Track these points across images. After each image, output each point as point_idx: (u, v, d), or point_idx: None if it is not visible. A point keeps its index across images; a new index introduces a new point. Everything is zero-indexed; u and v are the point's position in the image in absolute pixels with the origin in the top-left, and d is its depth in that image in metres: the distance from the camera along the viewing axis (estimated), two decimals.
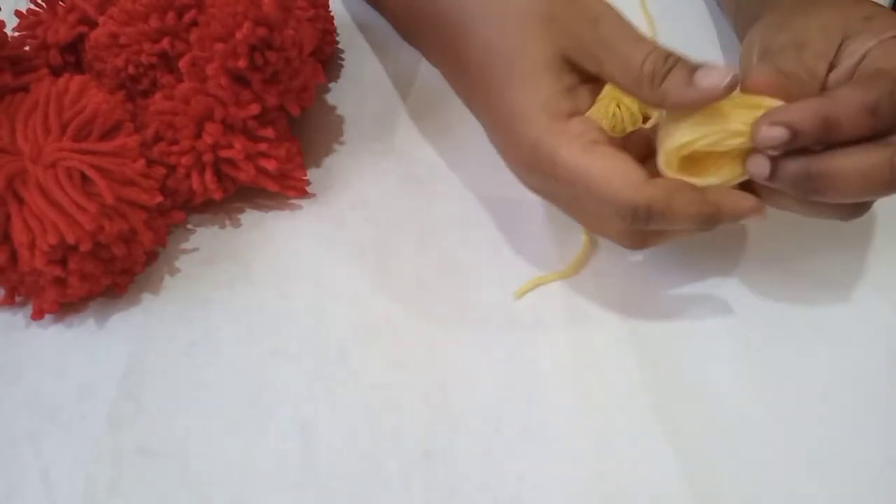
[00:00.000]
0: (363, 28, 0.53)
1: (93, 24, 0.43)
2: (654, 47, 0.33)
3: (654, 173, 0.34)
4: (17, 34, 0.44)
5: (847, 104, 0.32)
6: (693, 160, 0.34)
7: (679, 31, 0.52)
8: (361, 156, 0.46)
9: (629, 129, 0.45)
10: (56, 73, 0.42)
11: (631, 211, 0.32)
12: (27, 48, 0.43)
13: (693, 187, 0.33)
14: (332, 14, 0.49)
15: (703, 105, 0.33)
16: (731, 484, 0.34)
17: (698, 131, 0.33)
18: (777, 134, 0.32)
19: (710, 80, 0.32)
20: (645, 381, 0.37)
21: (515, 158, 0.35)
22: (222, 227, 0.43)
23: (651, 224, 0.32)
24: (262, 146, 0.41)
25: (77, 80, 0.39)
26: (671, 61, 0.33)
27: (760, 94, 0.34)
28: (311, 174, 0.44)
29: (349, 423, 0.36)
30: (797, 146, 0.32)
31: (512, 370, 0.38)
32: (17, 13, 0.45)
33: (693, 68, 0.33)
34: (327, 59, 0.50)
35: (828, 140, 0.32)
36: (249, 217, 0.43)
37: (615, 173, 0.32)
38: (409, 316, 0.39)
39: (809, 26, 0.37)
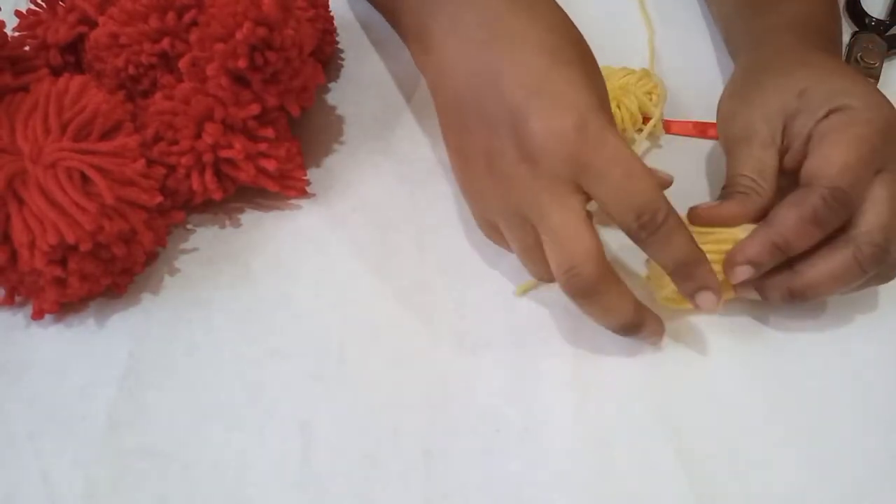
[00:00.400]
0: (363, 28, 0.53)
1: (93, 24, 0.43)
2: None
3: None
4: (17, 34, 0.44)
5: (788, 225, 0.35)
6: None
7: (677, 34, 0.52)
8: (361, 156, 0.46)
9: (629, 129, 0.45)
10: (56, 73, 0.42)
11: (649, 206, 0.33)
12: (27, 48, 0.43)
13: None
14: (332, 14, 0.49)
15: None
16: (731, 484, 0.34)
17: None
18: (743, 271, 0.36)
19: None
20: (645, 381, 0.37)
21: (551, 125, 0.33)
22: (222, 227, 0.43)
23: (657, 228, 0.33)
24: (262, 146, 0.41)
25: (77, 80, 0.39)
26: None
27: (715, 226, 0.37)
28: (311, 174, 0.44)
29: (349, 423, 0.36)
30: (764, 271, 0.36)
31: (512, 370, 0.38)
32: (17, 13, 0.45)
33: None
34: (327, 59, 0.50)
35: (789, 256, 0.36)
36: (249, 217, 0.43)
37: (647, 171, 0.33)
38: (409, 316, 0.39)
39: (752, 116, 0.39)
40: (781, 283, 0.36)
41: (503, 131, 0.34)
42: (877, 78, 0.49)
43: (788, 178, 0.38)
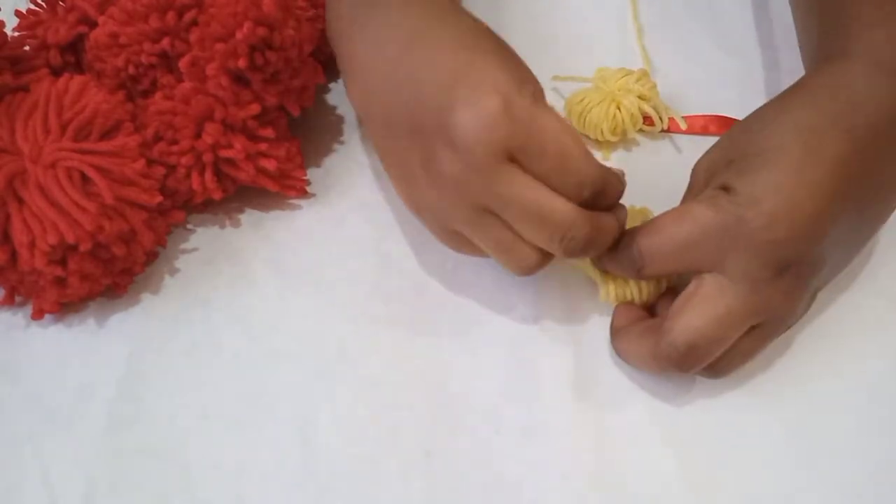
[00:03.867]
0: None
1: (93, 24, 0.43)
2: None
3: None
4: (17, 34, 0.44)
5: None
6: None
7: (677, 34, 0.52)
8: (361, 156, 0.46)
9: (629, 130, 0.45)
10: (56, 73, 0.42)
11: (588, 180, 0.32)
12: (27, 48, 0.43)
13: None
14: None
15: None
16: (731, 484, 0.34)
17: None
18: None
19: None
20: (644, 381, 0.37)
21: (476, 114, 0.31)
22: (222, 227, 0.43)
23: (596, 197, 0.33)
24: (262, 146, 0.41)
25: (77, 80, 0.39)
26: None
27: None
28: (311, 174, 0.44)
29: (349, 422, 0.36)
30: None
31: (512, 370, 0.38)
32: (17, 13, 0.45)
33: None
34: (327, 59, 0.50)
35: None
36: (249, 217, 0.43)
37: (582, 145, 0.32)
38: (410, 316, 0.39)
39: (698, 166, 0.37)
40: (646, 351, 0.35)
41: (433, 135, 0.33)
42: None
43: None
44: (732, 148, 0.35)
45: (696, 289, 0.33)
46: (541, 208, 0.32)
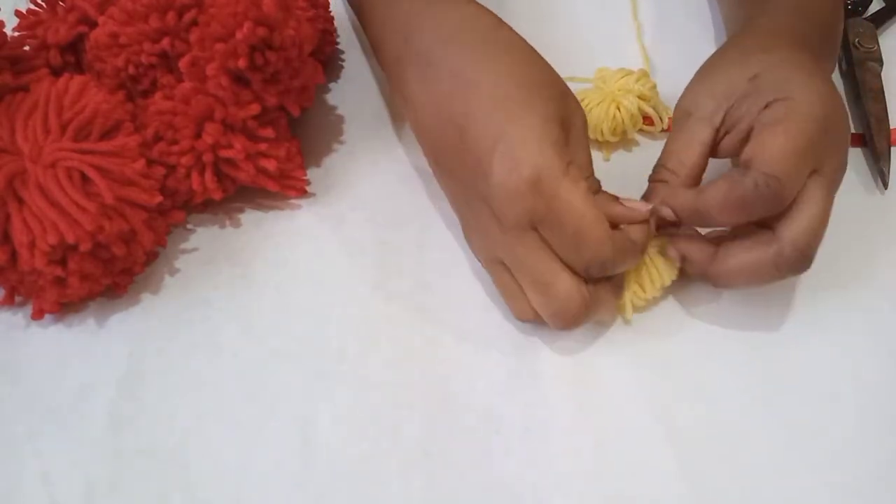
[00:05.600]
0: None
1: (93, 24, 0.43)
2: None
3: None
4: (17, 34, 0.44)
5: (714, 199, 0.35)
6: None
7: (676, 34, 0.52)
8: (361, 156, 0.46)
9: (630, 129, 0.45)
10: (56, 73, 0.42)
11: (601, 260, 0.34)
12: (27, 48, 0.43)
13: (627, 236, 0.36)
14: (332, 14, 0.49)
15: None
16: (731, 484, 0.34)
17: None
18: (666, 213, 0.37)
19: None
20: (645, 381, 0.37)
21: (510, 171, 0.34)
22: (222, 227, 0.43)
23: (597, 273, 0.35)
24: (262, 146, 0.41)
25: (77, 80, 0.39)
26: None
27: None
28: (311, 174, 0.44)
29: (349, 422, 0.36)
30: (682, 225, 0.38)
31: (512, 370, 0.38)
32: (17, 13, 0.45)
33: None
34: (327, 59, 0.50)
35: (707, 226, 0.37)
36: (249, 217, 0.43)
37: (603, 224, 0.34)
38: (409, 316, 0.39)
39: (698, 92, 0.39)
40: (701, 263, 0.37)
41: (474, 185, 0.36)
42: (879, 60, 0.49)
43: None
44: (732, 86, 0.38)
45: (800, 195, 0.35)
46: (545, 280, 0.35)
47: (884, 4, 0.53)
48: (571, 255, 0.34)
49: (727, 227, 0.37)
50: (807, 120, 0.35)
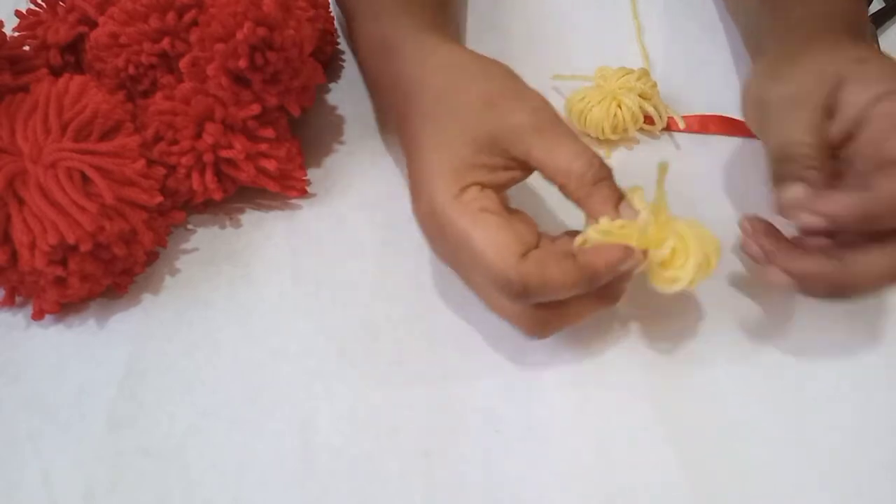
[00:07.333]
0: None
1: (93, 24, 0.43)
2: (584, 148, 0.34)
3: None
4: (17, 34, 0.44)
5: (890, 202, 0.32)
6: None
7: (675, 34, 0.52)
8: (361, 156, 0.46)
9: (630, 128, 0.45)
10: (56, 73, 0.42)
11: (505, 284, 0.32)
12: (27, 48, 0.43)
13: (565, 255, 0.33)
14: (332, 14, 0.49)
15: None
16: (731, 484, 0.34)
17: None
18: (815, 221, 0.32)
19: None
20: (645, 382, 0.37)
21: (416, 210, 0.36)
22: (222, 227, 0.43)
23: (531, 299, 0.33)
24: (263, 146, 0.41)
25: (77, 80, 0.39)
26: (604, 172, 0.34)
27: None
28: (311, 174, 0.44)
29: (349, 422, 0.36)
30: (828, 231, 0.33)
31: (512, 370, 0.38)
32: (17, 13, 0.45)
33: (620, 196, 0.34)
34: (327, 59, 0.50)
35: (861, 231, 0.33)
36: (249, 217, 0.43)
37: (491, 245, 0.32)
38: (409, 316, 0.39)
39: (802, 75, 0.36)
40: (831, 276, 0.33)
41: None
42: None
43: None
44: (837, 66, 0.35)
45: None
46: (491, 305, 0.36)
47: (884, 4, 0.53)
48: (479, 276, 0.34)
49: (887, 228, 0.33)
50: None
